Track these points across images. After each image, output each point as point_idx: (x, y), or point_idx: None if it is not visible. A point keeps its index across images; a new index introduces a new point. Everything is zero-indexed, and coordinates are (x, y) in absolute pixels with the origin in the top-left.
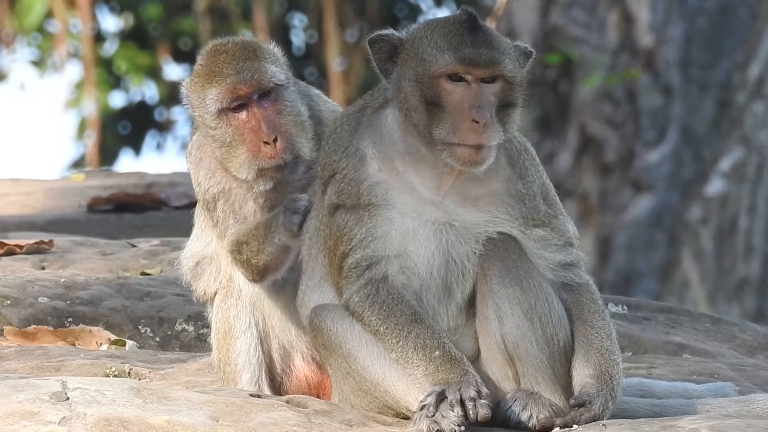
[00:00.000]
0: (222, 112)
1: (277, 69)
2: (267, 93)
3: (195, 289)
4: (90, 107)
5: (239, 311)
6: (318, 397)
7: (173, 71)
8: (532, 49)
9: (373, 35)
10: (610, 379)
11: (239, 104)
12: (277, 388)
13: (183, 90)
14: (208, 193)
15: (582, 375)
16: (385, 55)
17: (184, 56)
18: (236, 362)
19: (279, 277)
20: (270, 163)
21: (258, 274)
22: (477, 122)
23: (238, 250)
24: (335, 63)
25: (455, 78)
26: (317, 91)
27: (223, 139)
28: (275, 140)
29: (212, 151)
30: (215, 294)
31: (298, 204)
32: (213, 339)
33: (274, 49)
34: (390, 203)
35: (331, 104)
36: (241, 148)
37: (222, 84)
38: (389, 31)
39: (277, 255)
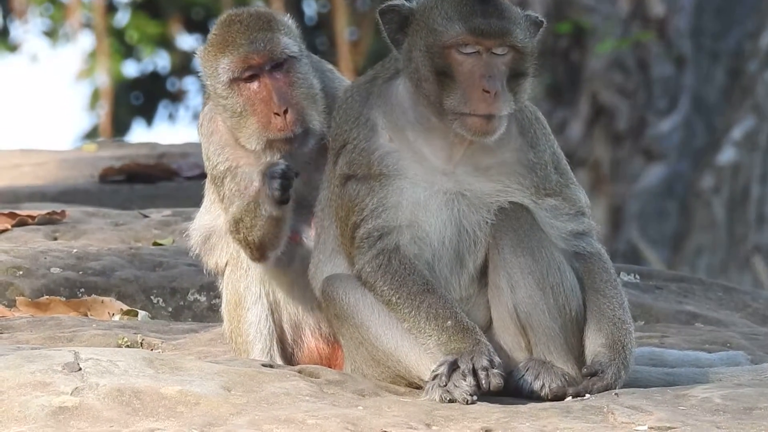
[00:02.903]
0: (234, 81)
1: (290, 41)
2: (279, 64)
3: (206, 263)
4: (102, 78)
5: (249, 282)
6: (330, 368)
7: (185, 41)
8: (542, 19)
9: (383, 6)
10: (623, 348)
11: (251, 74)
12: (288, 358)
13: (197, 58)
14: (216, 169)
15: (594, 344)
16: (395, 25)
17: (197, 26)
18: (247, 333)
19: (279, 253)
20: (279, 135)
21: (257, 251)
22: (488, 92)
23: (235, 229)
24: (346, 33)
25: (466, 48)
26: (330, 66)
27: (234, 108)
28: (286, 112)
29: (223, 123)
30: (226, 265)
31: (275, 169)
32: (224, 310)
33: (289, 21)
34: (401, 173)
35: (345, 81)
36: (251, 119)
37: (235, 53)
38: (400, 1)
39: (269, 228)
